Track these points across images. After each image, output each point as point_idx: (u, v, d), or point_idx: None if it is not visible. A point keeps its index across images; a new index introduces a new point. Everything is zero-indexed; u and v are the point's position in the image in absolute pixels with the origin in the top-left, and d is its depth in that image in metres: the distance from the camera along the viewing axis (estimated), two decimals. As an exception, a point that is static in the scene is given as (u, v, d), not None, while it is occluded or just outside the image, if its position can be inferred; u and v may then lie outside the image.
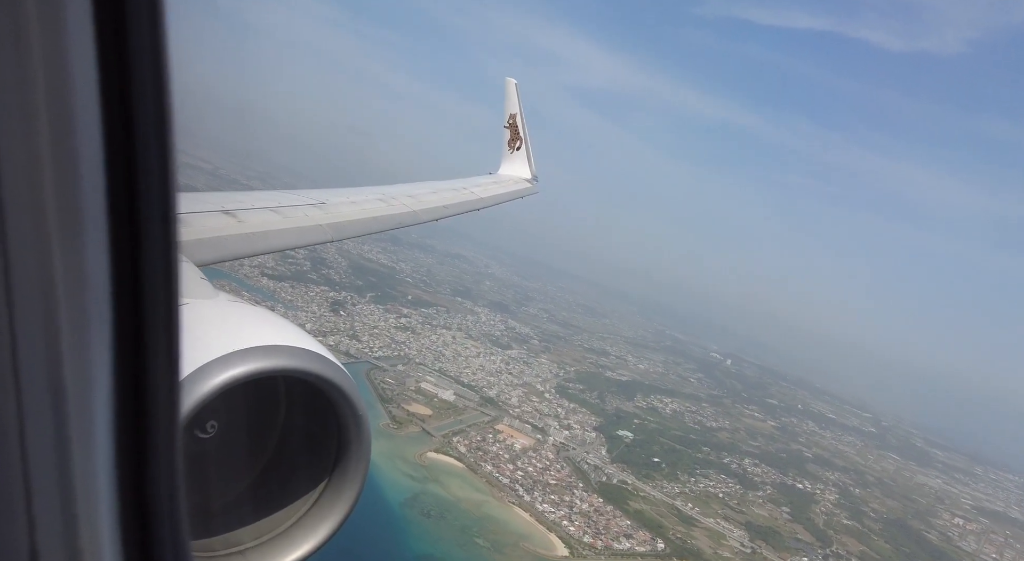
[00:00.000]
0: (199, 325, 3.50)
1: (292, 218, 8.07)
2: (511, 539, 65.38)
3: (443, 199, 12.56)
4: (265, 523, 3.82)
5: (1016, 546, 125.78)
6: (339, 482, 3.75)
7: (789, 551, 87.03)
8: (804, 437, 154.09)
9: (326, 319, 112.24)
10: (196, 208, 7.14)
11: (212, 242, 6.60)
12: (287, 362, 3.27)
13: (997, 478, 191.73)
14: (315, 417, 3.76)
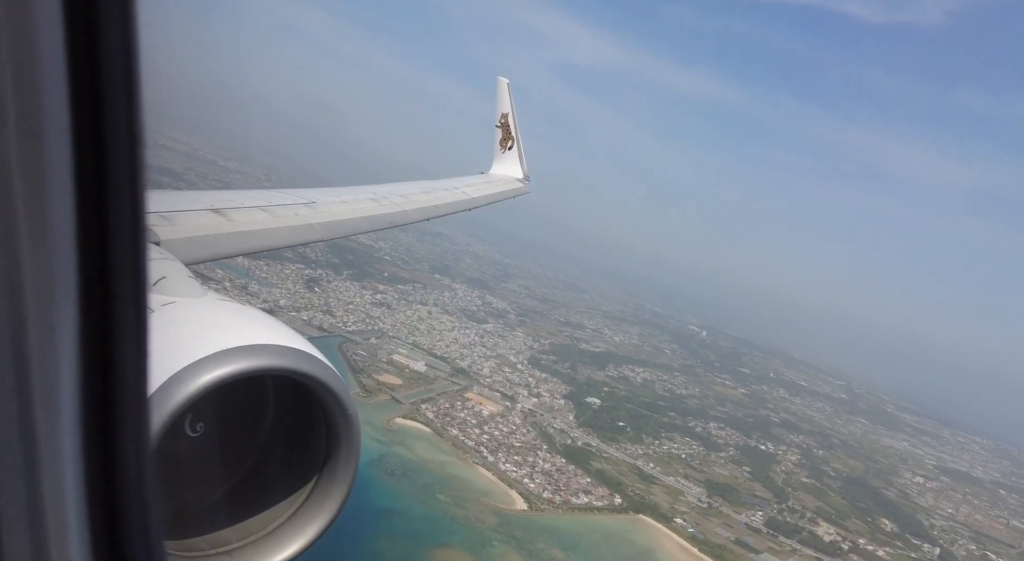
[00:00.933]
0: (187, 324, 3.57)
1: (282, 217, 8.09)
2: (472, 495, 69.03)
3: (435, 199, 12.59)
4: (253, 523, 3.82)
5: (973, 502, 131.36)
6: (328, 482, 3.76)
7: (745, 506, 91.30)
8: (773, 403, 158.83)
9: (300, 295, 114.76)
10: (185, 206, 7.15)
11: (201, 241, 6.57)
12: (275, 361, 3.28)
13: (965, 441, 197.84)
14: (304, 416, 3.77)
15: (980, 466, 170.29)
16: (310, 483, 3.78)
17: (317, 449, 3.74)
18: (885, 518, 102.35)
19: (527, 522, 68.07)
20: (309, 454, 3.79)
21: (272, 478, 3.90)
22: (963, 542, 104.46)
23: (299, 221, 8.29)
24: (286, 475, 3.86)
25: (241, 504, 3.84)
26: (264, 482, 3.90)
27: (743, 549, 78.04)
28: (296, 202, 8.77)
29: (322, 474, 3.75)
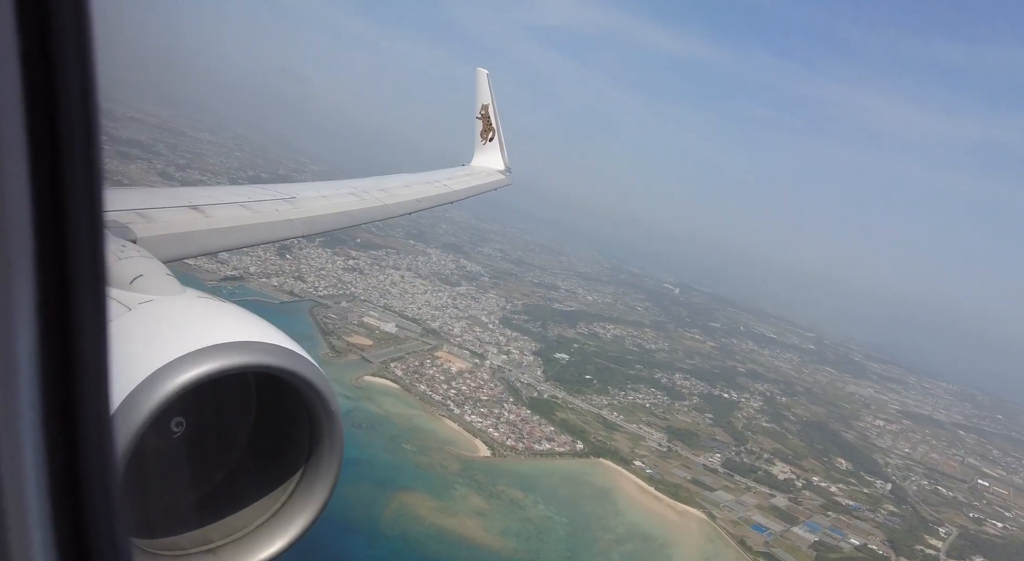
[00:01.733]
0: (166, 321, 3.54)
1: (262, 213, 8.02)
2: (437, 444, 72.45)
3: (416, 193, 12.57)
4: (236, 520, 3.80)
5: (932, 442, 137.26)
6: (312, 478, 3.76)
7: (704, 449, 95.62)
8: (741, 355, 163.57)
9: (271, 262, 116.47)
10: (163, 203, 7.06)
11: (179, 238, 6.50)
12: (256, 358, 3.27)
13: (930, 387, 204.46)
14: (287, 413, 3.76)
15: (943, 409, 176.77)
16: (294, 480, 3.79)
17: (300, 445, 3.74)
18: (841, 458, 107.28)
19: (489, 467, 71.72)
20: (292, 450, 3.79)
21: (255, 475, 3.90)
22: (916, 478, 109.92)
23: (279, 217, 8.24)
24: (269, 472, 3.86)
25: (224, 502, 3.84)
26: (247, 479, 3.90)
27: (698, 487, 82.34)
28: (276, 198, 8.78)
29: (305, 470, 3.76)
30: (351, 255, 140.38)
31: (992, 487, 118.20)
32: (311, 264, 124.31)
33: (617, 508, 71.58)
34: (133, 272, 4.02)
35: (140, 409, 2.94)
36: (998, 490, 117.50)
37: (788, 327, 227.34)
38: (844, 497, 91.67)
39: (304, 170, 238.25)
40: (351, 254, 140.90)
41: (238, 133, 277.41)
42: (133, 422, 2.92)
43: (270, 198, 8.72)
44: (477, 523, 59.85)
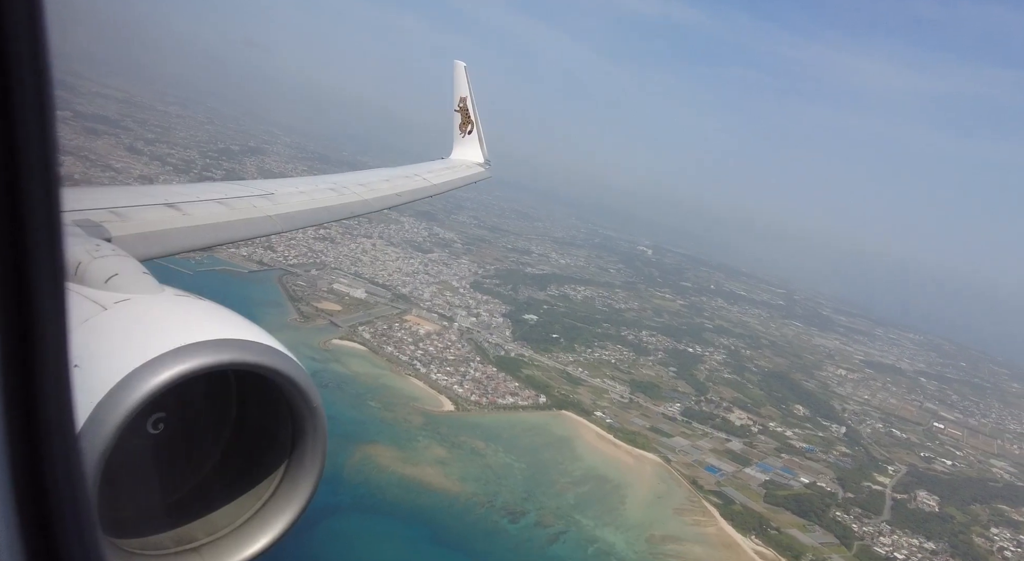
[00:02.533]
0: (143, 321, 3.53)
1: (239, 210, 8.01)
2: (402, 401, 75.42)
3: (396, 187, 12.55)
4: (220, 518, 3.80)
5: (891, 389, 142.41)
6: (295, 475, 3.76)
7: (665, 400, 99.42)
8: (709, 312, 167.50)
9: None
10: (138, 202, 6.99)
11: (155, 236, 6.47)
12: (235, 356, 3.25)
13: (896, 337, 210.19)
14: (268, 410, 3.76)
15: (907, 359, 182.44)
16: (277, 476, 3.78)
17: (283, 442, 3.74)
18: (799, 405, 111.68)
19: (453, 421, 74.92)
20: (275, 447, 3.79)
21: (238, 473, 3.88)
22: (871, 422, 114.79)
23: (257, 213, 8.22)
24: (252, 469, 3.84)
25: (207, 500, 3.83)
26: (230, 477, 3.88)
27: (656, 434, 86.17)
28: (253, 194, 8.77)
29: (288, 467, 3.76)
30: (322, 224, 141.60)
31: (947, 429, 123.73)
32: (282, 234, 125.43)
33: (575, 454, 75.23)
34: (108, 271, 4.00)
35: (118, 409, 2.92)
36: (952, 432, 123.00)
37: (759, 284, 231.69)
38: (798, 440, 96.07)
39: (276, 141, 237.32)
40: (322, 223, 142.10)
41: (209, 106, 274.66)
42: (111, 422, 2.89)
43: (248, 194, 8.68)
44: (438, 471, 63.16)
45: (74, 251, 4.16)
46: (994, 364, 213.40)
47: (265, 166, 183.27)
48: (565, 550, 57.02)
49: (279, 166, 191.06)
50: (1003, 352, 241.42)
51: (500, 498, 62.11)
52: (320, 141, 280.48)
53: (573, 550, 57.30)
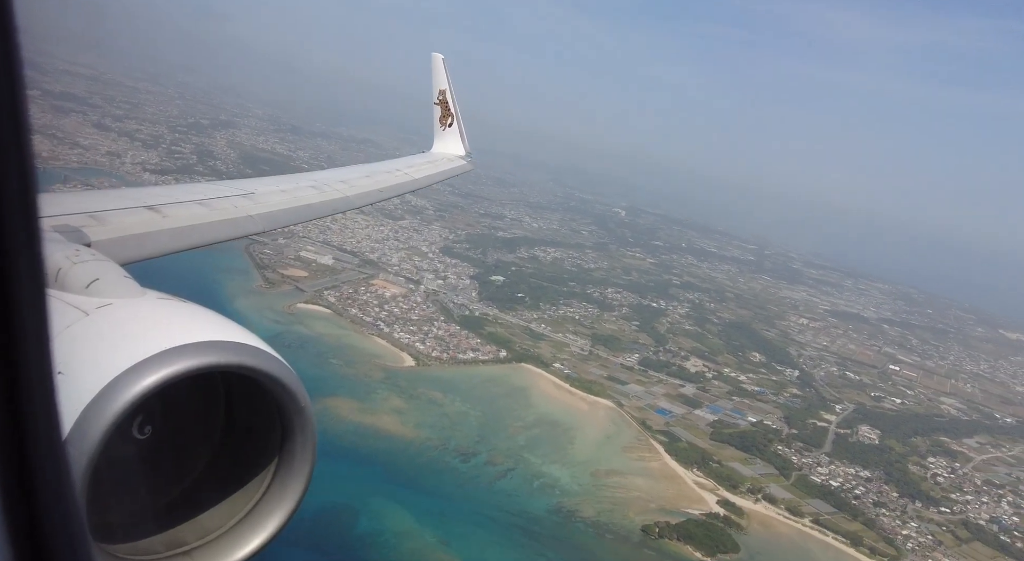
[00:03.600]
0: (126, 325, 3.51)
1: (220, 210, 7.99)
2: (363, 358, 78.73)
3: (377, 183, 12.50)
4: (211, 521, 3.80)
5: (852, 336, 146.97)
6: (285, 475, 3.74)
7: (624, 351, 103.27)
8: (679, 269, 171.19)
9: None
10: (118, 205, 6.94)
11: (135, 240, 6.45)
12: (221, 358, 3.24)
13: (866, 288, 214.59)
14: (256, 411, 3.74)
15: (873, 307, 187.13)
16: (267, 477, 3.79)
17: (272, 443, 3.75)
18: (756, 352, 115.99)
19: (413, 375, 78.46)
20: (264, 448, 3.79)
21: (228, 475, 3.88)
22: (826, 366, 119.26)
23: (238, 213, 8.17)
24: (242, 471, 3.85)
25: (197, 503, 3.85)
26: (219, 480, 3.89)
27: (612, 382, 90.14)
28: (234, 194, 8.71)
29: (278, 467, 3.76)
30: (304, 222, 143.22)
31: (902, 371, 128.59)
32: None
33: (531, 402, 79.12)
34: (89, 276, 3.98)
35: (104, 415, 2.92)
36: (908, 373, 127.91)
37: (731, 241, 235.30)
38: (751, 384, 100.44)
39: (248, 114, 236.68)
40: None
41: (181, 81, 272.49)
42: (97, 428, 2.90)
43: (229, 194, 8.65)
44: (394, 419, 66.79)
45: (53, 257, 4.18)
46: (961, 310, 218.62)
47: (235, 139, 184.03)
48: (511, 485, 61.08)
49: (249, 139, 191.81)
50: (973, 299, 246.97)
51: (453, 442, 65.98)
52: (294, 113, 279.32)
53: (519, 485, 61.36)
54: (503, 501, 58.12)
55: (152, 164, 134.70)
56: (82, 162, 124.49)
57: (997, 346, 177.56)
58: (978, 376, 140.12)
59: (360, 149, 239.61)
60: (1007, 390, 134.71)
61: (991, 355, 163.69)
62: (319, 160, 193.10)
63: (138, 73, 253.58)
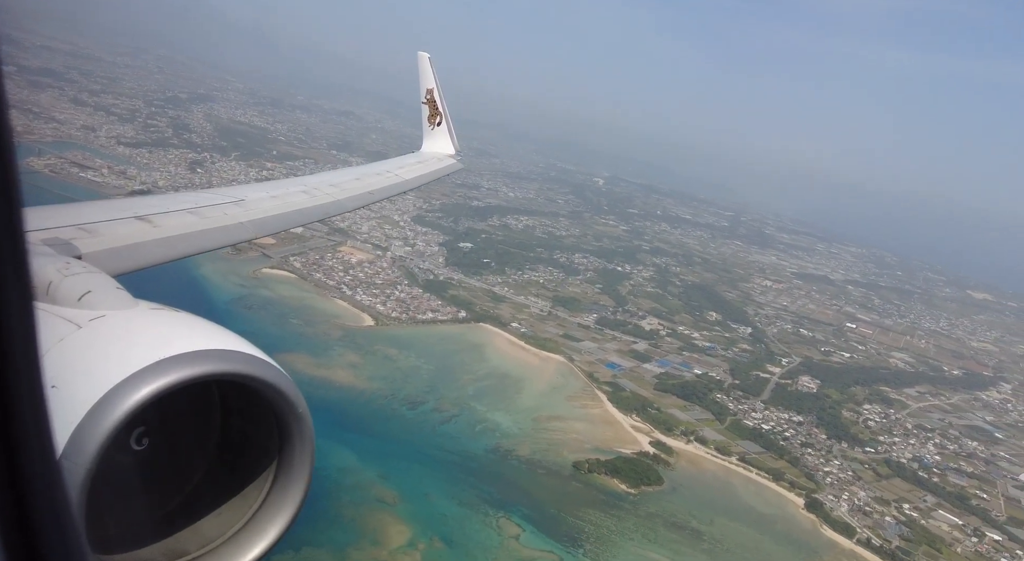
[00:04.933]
0: (120, 337, 3.51)
1: (211, 218, 8.05)
2: (324, 318, 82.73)
3: (367, 186, 12.68)
4: (211, 530, 3.82)
5: (814, 296, 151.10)
6: (284, 482, 3.76)
7: (583, 311, 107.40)
8: (650, 235, 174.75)
9: (181, 176, 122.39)
10: (108, 216, 6.93)
11: (126, 250, 6.42)
12: (215, 367, 3.25)
13: (838, 252, 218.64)
14: (253, 418, 3.76)
15: (842, 270, 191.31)
16: (266, 484, 3.81)
17: (270, 450, 3.76)
18: (714, 312, 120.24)
19: (371, 334, 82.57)
20: (262, 455, 3.81)
21: (227, 483, 3.91)
22: (781, 324, 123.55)
23: (229, 221, 8.28)
24: (241, 478, 3.88)
25: (196, 512, 3.88)
26: (218, 488, 3.92)
27: (567, 340, 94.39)
28: (225, 201, 8.84)
29: (277, 474, 3.78)
30: (265, 166, 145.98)
31: (858, 328, 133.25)
32: (223, 176, 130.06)
33: (484, 357, 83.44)
34: (81, 289, 4.00)
35: (99, 428, 2.94)
36: (864, 331, 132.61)
37: (709, 208, 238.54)
38: (703, 341, 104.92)
39: (227, 88, 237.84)
40: (265, 166, 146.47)
41: (160, 55, 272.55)
42: (93, 441, 2.91)
43: (219, 202, 8.76)
44: (348, 372, 71.03)
45: (44, 270, 4.22)
46: (933, 273, 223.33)
47: (213, 113, 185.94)
48: (455, 429, 65.57)
49: (228, 112, 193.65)
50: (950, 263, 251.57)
51: (403, 392, 70.32)
52: (274, 86, 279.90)
53: (462, 429, 65.86)
54: (444, 442, 62.62)
55: (127, 138, 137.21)
56: (57, 136, 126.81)
57: (962, 305, 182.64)
58: (935, 333, 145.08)
59: (340, 121, 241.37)
60: (961, 346, 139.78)
61: (953, 314, 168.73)
62: (297, 133, 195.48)
63: (119, 48, 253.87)
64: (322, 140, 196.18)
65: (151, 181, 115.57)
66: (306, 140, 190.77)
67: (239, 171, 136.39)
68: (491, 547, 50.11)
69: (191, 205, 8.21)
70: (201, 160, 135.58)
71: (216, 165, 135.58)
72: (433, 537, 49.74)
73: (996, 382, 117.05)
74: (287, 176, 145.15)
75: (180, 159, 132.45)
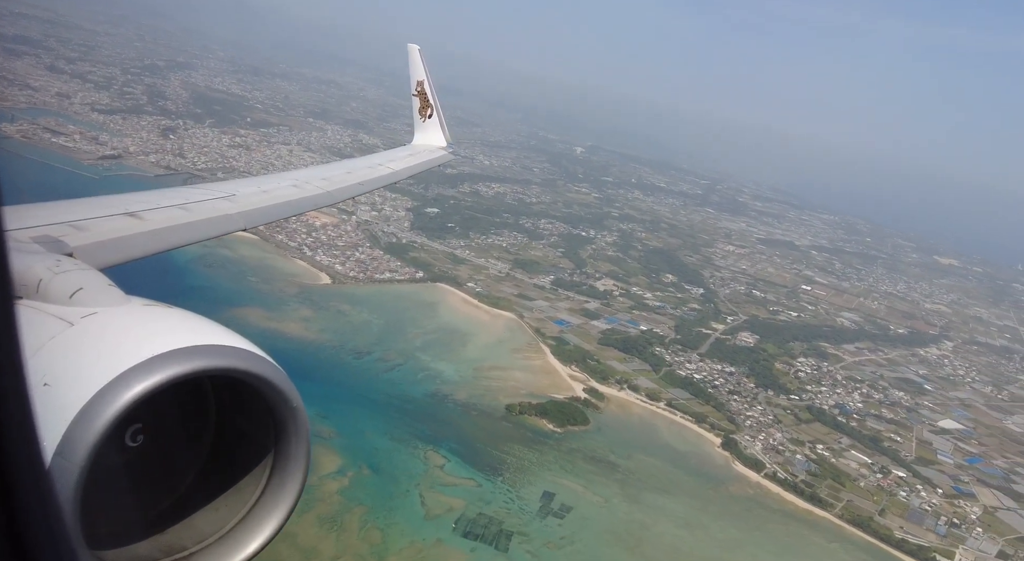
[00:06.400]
0: (112, 334, 3.52)
1: (200, 212, 8.12)
2: (281, 277, 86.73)
3: (358, 178, 12.76)
4: (208, 525, 3.84)
5: (775, 261, 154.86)
6: (280, 476, 3.79)
7: (541, 273, 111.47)
8: (621, 202, 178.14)
9: (152, 142, 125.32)
10: (98, 213, 6.92)
11: (115, 243, 6.46)
12: (208, 362, 3.27)
13: (809, 218, 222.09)
14: (248, 413, 3.77)
15: (810, 236, 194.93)
16: (263, 479, 3.85)
17: (265, 444, 3.80)
18: (670, 274, 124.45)
19: (327, 291, 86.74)
20: (258, 450, 3.85)
21: (222, 478, 3.95)
22: (735, 286, 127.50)
23: (217, 213, 8.37)
24: (237, 474, 3.90)
25: (193, 508, 3.89)
26: (214, 483, 3.94)
27: (521, 299, 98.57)
28: (215, 197, 8.82)
29: (273, 469, 3.82)
30: (239, 133, 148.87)
31: (813, 290, 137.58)
32: (194, 143, 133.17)
33: (436, 314, 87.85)
34: (72, 286, 4.00)
35: (93, 426, 2.95)
36: (818, 292, 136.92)
37: (686, 177, 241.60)
38: (655, 301, 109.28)
39: (208, 56, 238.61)
40: (239, 132, 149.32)
41: (143, 23, 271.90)
42: (87, 439, 2.93)
43: (210, 198, 8.78)
44: (300, 325, 75.33)
45: (35, 268, 4.24)
46: (905, 239, 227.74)
47: (191, 80, 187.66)
48: (398, 376, 70.08)
49: (206, 80, 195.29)
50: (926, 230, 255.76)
51: (351, 343, 74.74)
52: (257, 55, 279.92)
53: (405, 376, 70.38)
54: (386, 388, 67.19)
55: (102, 105, 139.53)
56: (31, 103, 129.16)
57: (926, 270, 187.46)
58: (890, 295, 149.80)
59: (320, 89, 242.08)
60: (915, 307, 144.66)
61: (914, 278, 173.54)
62: (275, 100, 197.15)
63: (100, 16, 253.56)
64: (300, 108, 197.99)
65: (122, 147, 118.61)
66: (283, 108, 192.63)
67: (212, 138, 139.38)
68: (415, 474, 54.94)
69: (182, 201, 8.38)
70: (174, 127, 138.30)
71: (189, 131, 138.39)
72: (362, 466, 54.50)
73: (939, 340, 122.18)
74: (260, 143, 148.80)
75: (153, 125, 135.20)
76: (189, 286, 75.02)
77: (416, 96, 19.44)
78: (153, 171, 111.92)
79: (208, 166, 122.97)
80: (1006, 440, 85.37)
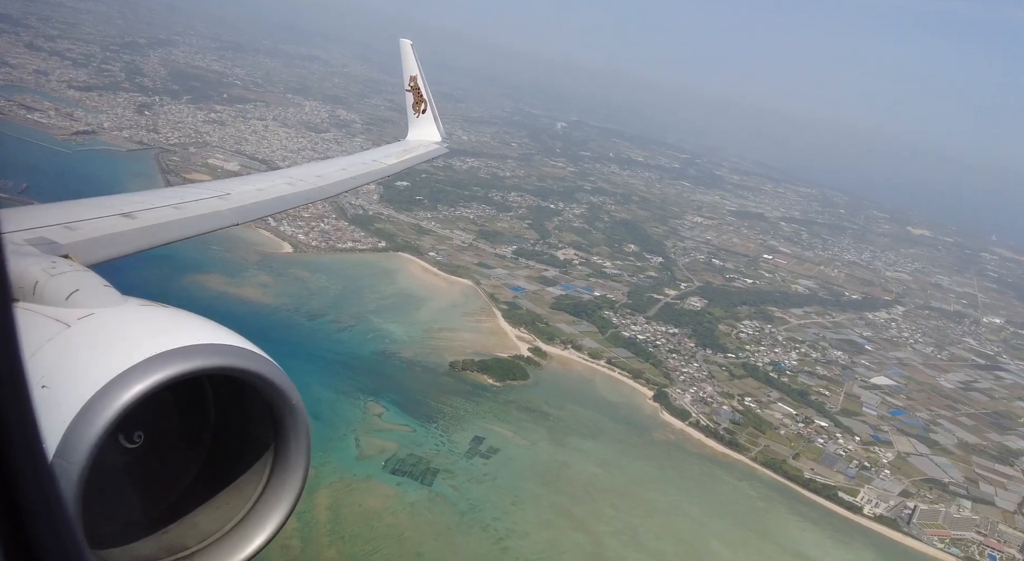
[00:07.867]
0: (109, 334, 3.54)
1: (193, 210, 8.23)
2: (244, 245, 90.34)
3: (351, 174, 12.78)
4: (210, 524, 3.86)
5: (742, 232, 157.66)
6: (281, 474, 3.83)
7: (504, 244, 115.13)
8: (595, 176, 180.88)
9: (127, 119, 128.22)
10: (92, 214, 6.99)
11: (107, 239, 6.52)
12: (205, 361, 3.29)
13: (784, 191, 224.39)
14: (247, 411, 3.82)
15: (783, 208, 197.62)
16: (263, 477, 3.89)
17: (265, 443, 3.83)
18: (633, 244, 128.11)
19: (288, 260, 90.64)
20: (258, 448, 3.88)
21: (223, 477, 3.98)
22: (696, 255, 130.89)
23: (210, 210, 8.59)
24: (237, 472, 3.93)
25: (193, 507, 3.92)
26: (215, 482, 3.97)
27: (480, 268, 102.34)
28: (210, 196, 9.09)
29: (274, 467, 3.85)
30: (215, 109, 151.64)
31: (774, 260, 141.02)
32: (169, 118, 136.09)
33: (394, 281, 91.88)
34: (68, 288, 4.02)
35: (91, 428, 2.97)
36: (779, 261, 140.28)
37: (665, 151, 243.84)
38: (614, 269, 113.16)
39: (191, 33, 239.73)
40: (215, 108, 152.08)
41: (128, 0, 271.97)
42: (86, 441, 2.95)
43: (205, 197, 8.92)
44: (257, 291, 79.37)
45: (30, 270, 4.25)
46: (880, 211, 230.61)
47: (170, 57, 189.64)
48: (348, 336, 74.31)
49: (186, 57, 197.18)
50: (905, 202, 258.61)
51: (306, 307, 78.85)
52: (241, 31, 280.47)
53: (355, 336, 74.60)
54: (335, 346, 71.47)
55: (79, 81, 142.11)
56: (8, 80, 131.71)
57: (895, 240, 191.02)
58: (853, 264, 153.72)
59: (303, 66, 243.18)
60: (875, 275, 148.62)
61: (881, 247, 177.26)
62: (254, 77, 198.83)
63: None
64: (280, 84, 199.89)
65: (97, 123, 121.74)
66: (263, 84, 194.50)
67: (187, 113, 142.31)
68: (354, 421, 59.34)
69: (176, 200, 8.48)
70: (150, 103, 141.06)
71: (164, 108, 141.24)
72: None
73: (891, 305, 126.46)
74: (235, 118, 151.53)
75: (129, 102, 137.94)
76: (151, 254, 78.15)
77: (409, 91, 19.62)
78: (126, 146, 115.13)
79: (181, 141, 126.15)
80: (935, 395, 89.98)
